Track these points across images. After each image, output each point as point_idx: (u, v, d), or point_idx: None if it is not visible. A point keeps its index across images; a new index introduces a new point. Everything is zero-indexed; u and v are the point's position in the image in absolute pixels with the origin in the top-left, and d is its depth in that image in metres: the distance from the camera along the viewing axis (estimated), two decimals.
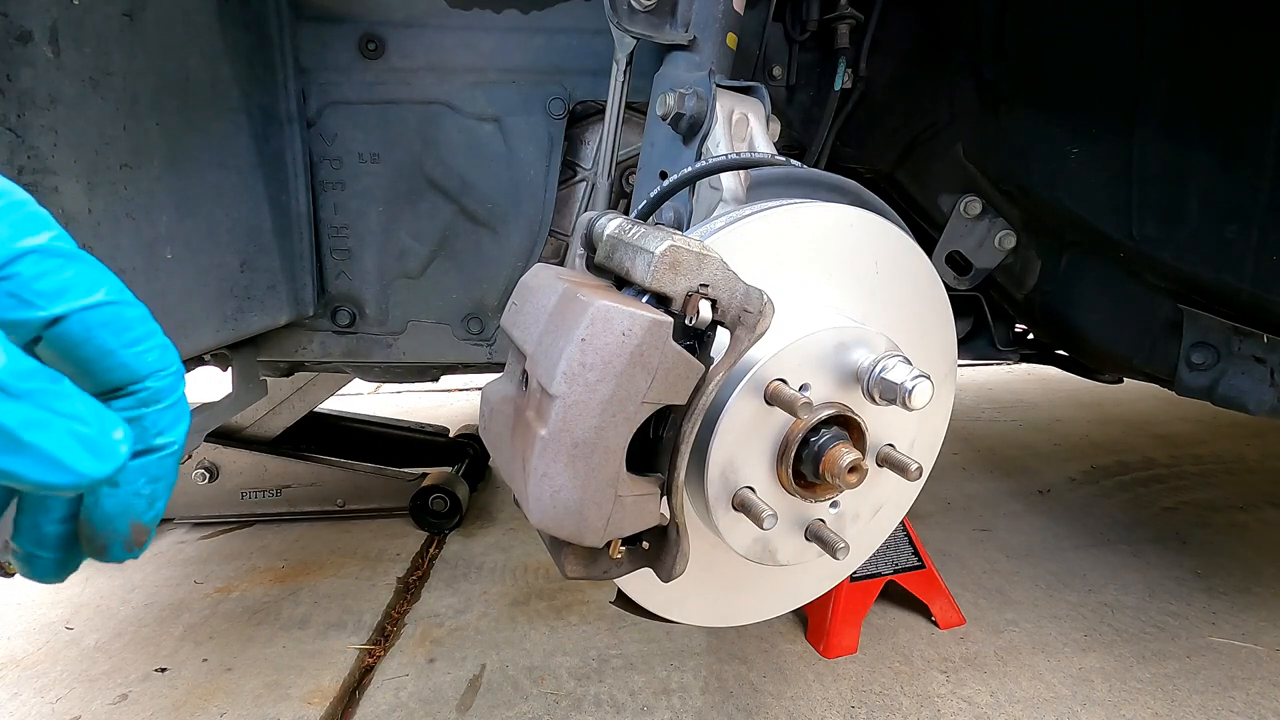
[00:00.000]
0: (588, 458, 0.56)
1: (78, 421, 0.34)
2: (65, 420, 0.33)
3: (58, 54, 0.85)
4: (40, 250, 0.35)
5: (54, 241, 0.36)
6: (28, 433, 0.32)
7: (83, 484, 0.34)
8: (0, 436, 0.32)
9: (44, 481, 0.33)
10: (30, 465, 0.32)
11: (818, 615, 1.73)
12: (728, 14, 0.99)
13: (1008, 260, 1.51)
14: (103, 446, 0.34)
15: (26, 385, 0.32)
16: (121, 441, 0.35)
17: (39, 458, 0.33)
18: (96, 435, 0.34)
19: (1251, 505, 2.48)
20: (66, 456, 0.33)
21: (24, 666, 1.71)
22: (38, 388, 0.32)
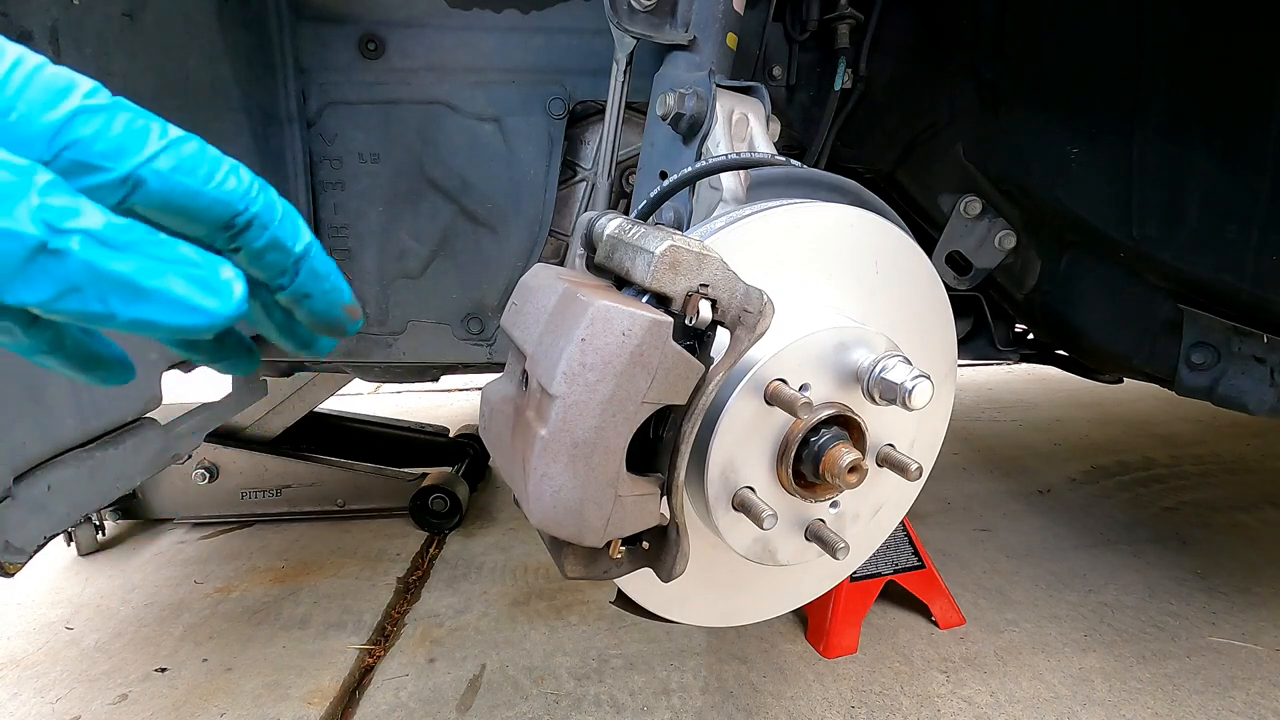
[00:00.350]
0: (588, 458, 0.56)
1: (189, 265, 0.34)
2: (178, 265, 0.33)
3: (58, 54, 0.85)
4: (85, 110, 0.34)
5: (90, 97, 0.34)
6: (148, 280, 0.32)
7: (215, 323, 0.34)
8: (124, 287, 0.32)
9: (179, 324, 0.33)
10: (162, 310, 0.33)
11: (818, 615, 1.73)
12: (728, 14, 0.99)
13: (1008, 260, 1.51)
14: (218, 285, 0.34)
15: (130, 237, 0.32)
16: (234, 279, 0.35)
17: (167, 303, 0.33)
18: (209, 276, 0.34)
19: (1251, 505, 2.48)
20: (192, 298, 0.33)
21: (24, 666, 1.71)
22: (142, 238, 0.32)
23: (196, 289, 0.34)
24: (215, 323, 0.34)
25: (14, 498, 0.85)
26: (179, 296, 0.33)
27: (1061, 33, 1.30)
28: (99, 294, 0.31)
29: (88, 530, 2.23)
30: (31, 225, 0.29)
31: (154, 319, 0.33)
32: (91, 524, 2.24)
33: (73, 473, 0.94)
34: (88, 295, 0.31)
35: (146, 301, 0.32)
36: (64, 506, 0.93)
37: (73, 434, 0.95)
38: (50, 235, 0.29)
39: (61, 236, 0.30)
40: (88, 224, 0.31)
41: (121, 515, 2.37)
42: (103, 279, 0.31)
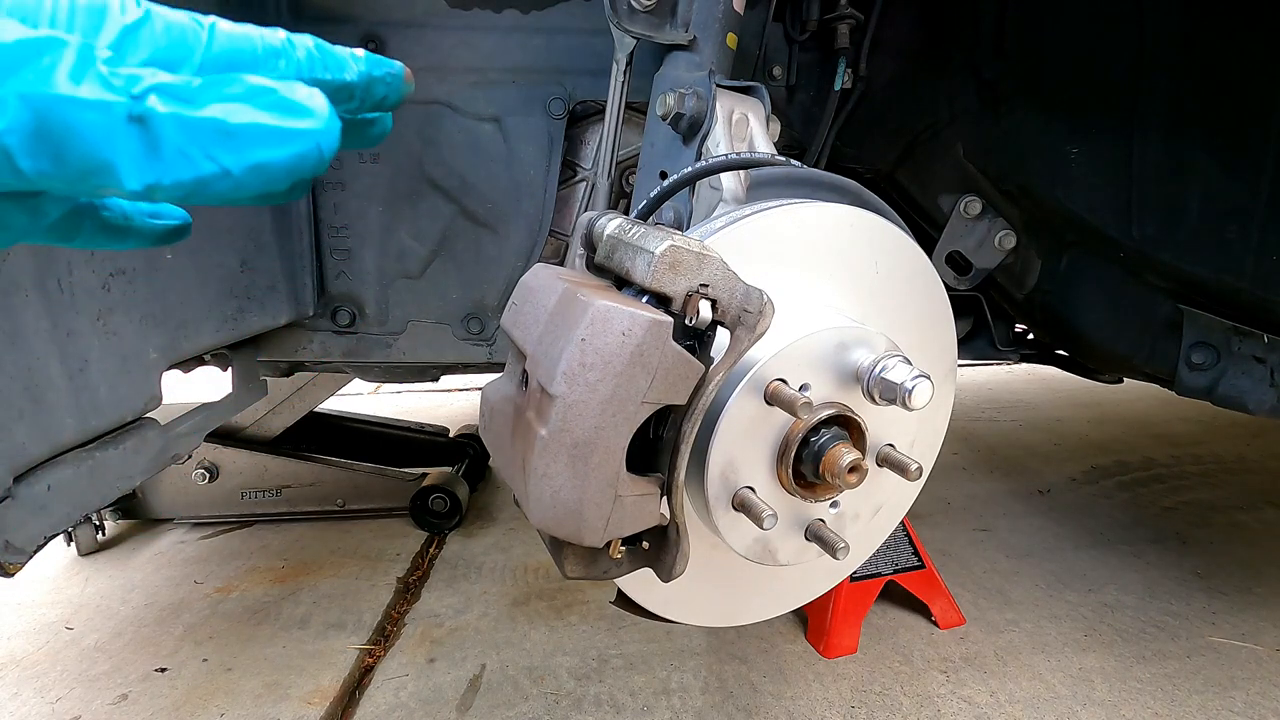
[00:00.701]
0: (588, 458, 0.56)
1: (266, 93, 0.32)
2: (254, 97, 0.32)
3: None
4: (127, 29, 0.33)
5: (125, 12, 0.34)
6: (235, 118, 0.31)
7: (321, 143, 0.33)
8: (217, 135, 0.30)
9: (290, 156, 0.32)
10: (263, 148, 0.31)
11: (818, 615, 1.73)
12: (728, 14, 0.99)
13: (1008, 260, 1.51)
14: (301, 103, 0.33)
15: (200, 85, 0.31)
16: (313, 93, 0.33)
17: (264, 136, 0.31)
18: (290, 97, 0.32)
19: (1251, 505, 2.48)
20: (284, 124, 0.32)
21: (24, 666, 1.71)
22: (212, 82, 0.31)
23: (285, 114, 0.32)
24: (321, 143, 0.33)
25: (14, 498, 0.85)
26: (272, 127, 0.32)
27: (1061, 32, 1.30)
28: (204, 150, 0.30)
29: (88, 530, 2.23)
30: (112, 93, 0.28)
31: (266, 159, 0.31)
32: (91, 524, 2.24)
33: (73, 473, 0.94)
34: (195, 156, 0.30)
35: (247, 144, 0.31)
36: (64, 506, 0.93)
37: (73, 434, 0.95)
38: (132, 102, 0.29)
39: (140, 100, 0.29)
40: (157, 80, 0.30)
41: (121, 515, 2.37)
42: (197, 132, 0.30)
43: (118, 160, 0.29)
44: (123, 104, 0.28)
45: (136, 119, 0.29)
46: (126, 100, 0.29)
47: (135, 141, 0.29)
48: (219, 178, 0.31)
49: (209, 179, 0.31)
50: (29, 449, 0.89)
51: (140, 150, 0.29)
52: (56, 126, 0.28)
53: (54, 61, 0.27)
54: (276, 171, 0.32)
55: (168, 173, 0.30)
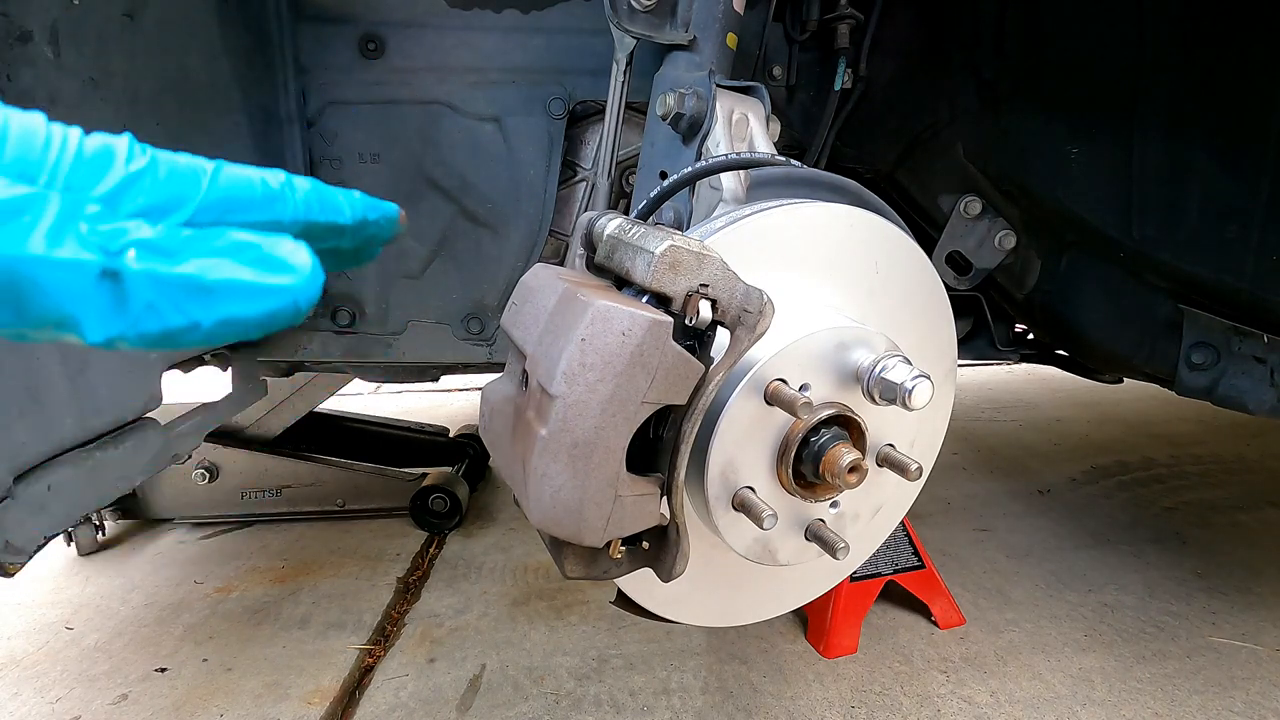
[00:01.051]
0: (588, 458, 0.56)
1: (247, 249, 0.33)
2: (233, 253, 0.32)
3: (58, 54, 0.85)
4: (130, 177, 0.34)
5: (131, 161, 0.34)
6: (212, 274, 0.31)
7: (298, 299, 0.33)
8: (190, 291, 0.31)
9: (264, 312, 0.33)
10: (237, 303, 0.32)
11: (818, 615, 1.73)
12: (728, 14, 0.99)
13: (1008, 260, 1.51)
14: (283, 258, 0.33)
15: (178, 241, 0.31)
16: (297, 249, 0.34)
17: (240, 292, 0.32)
18: (272, 253, 0.33)
19: (1251, 505, 2.48)
20: (260, 278, 0.32)
21: (24, 666, 1.71)
22: (189, 238, 0.32)
23: (265, 270, 0.33)
24: (298, 299, 0.33)
25: (14, 498, 0.86)
26: (249, 283, 0.32)
27: (1062, 32, 1.30)
28: (174, 304, 0.31)
29: (88, 530, 2.23)
30: (87, 251, 0.29)
31: (237, 314, 0.32)
32: (91, 524, 2.24)
33: (73, 473, 0.94)
34: (164, 311, 0.30)
35: (222, 299, 0.32)
36: (64, 506, 0.93)
37: (72, 434, 0.95)
38: (107, 259, 0.29)
39: (116, 257, 0.29)
40: (138, 235, 0.30)
41: (121, 515, 2.37)
42: (170, 287, 0.30)
43: (82, 315, 0.29)
44: (96, 261, 0.29)
45: (110, 274, 0.29)
46: (100, 258, 0.29)
47: (103, 297, 0.29)
48: (187, 330, 0.31)
49: (176, 332, 0.31)
50: (29, 449, 0.89)
51: (107, 305, 0.30)
52: (24, 283, 0.28)
53: (34, 220, 0.28)
54: (248, 325, 0.33)
55: (133, 326, 0.30)
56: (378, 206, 0.46)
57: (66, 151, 0.33)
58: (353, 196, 0.44)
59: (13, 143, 0.32)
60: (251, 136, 1.18)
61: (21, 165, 0.32)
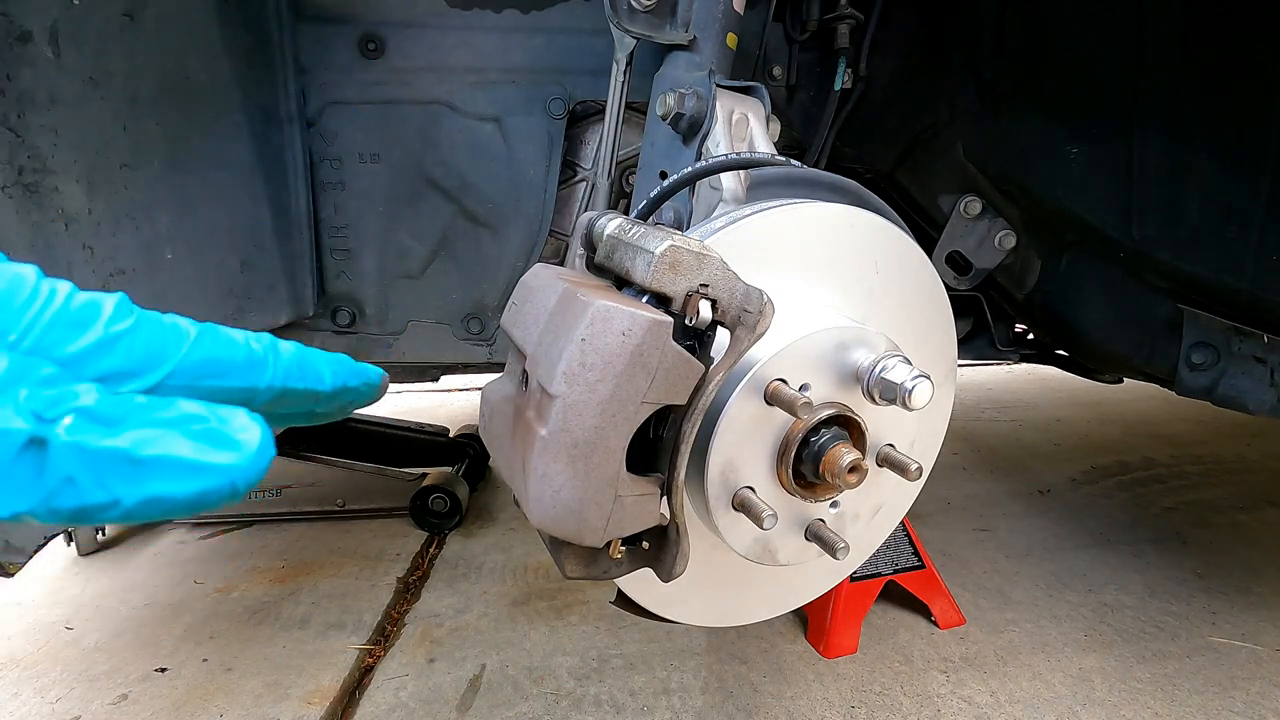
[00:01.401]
0: (588, 458, 0.56)
1: (193, 421, 0.31)
2: (179, 425, 0.31)
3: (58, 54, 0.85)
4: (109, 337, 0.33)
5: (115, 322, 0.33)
6: (145, 449, 0.30)
7: (234, 480, 0.32)
8: (120, 466, 0.29)
9: (194, 492, 0.31)
10: (170, 481, 0.30)
11: (818, 615, 1.73)
12: (728, 14, 0.99)
13: (1008, 260, 1.51)
14: (230, 435, 0.32)
15: (123, 409, 0.30)
16: (249, 426, 0.33)
17: (174, 470, 0.30)
18: (217, 427, 0.32)
19: (1251, 505, 2.48)
20: (200, 457, 0.31)
21: (24, 666, 1.71)
22: (136, 406, 0.30)
23: (206, 446, 0.31)
24: (236, 480, 0.32)
25: None
26: (184, 459, 0.30)
27: (1062, 32, 1.30)
28: (97, 479, 0.29)
29: (88, 530, 2.23)
30: (19, 419, 0.27)
31: (164, 493, 0.30)
32: None
33: None
34: (84, 485, 0.29)
35: (151, 475, 0.30)
36: None
37: None
38: (38, 426, 0.28)
39: (49, 425, 0.28)
40: (80, 403, 0.29)
41: None
42: (96, 460, 0.29)
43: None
44: (24, 430, 0.27)
45: (36, 442, 0.28)
46: (30, 426, 0.28)
47: (22, 468, 0.28)
48: (104, 508, 0.30)
49: (92, 509, 0.30)
50: None
51: (24, 477, 0.28)
52: None
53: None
54: (176, 505, 0.31)
55: (45, 501, 0.29)
56: (361, 373, 0.45)
57: (49, 307, 0.32)
58: (337, 362, 0.44)
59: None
60: (251, 136, 1.18)
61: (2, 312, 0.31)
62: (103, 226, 0.92)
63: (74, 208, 0.87)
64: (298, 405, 0.42)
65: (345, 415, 0.47)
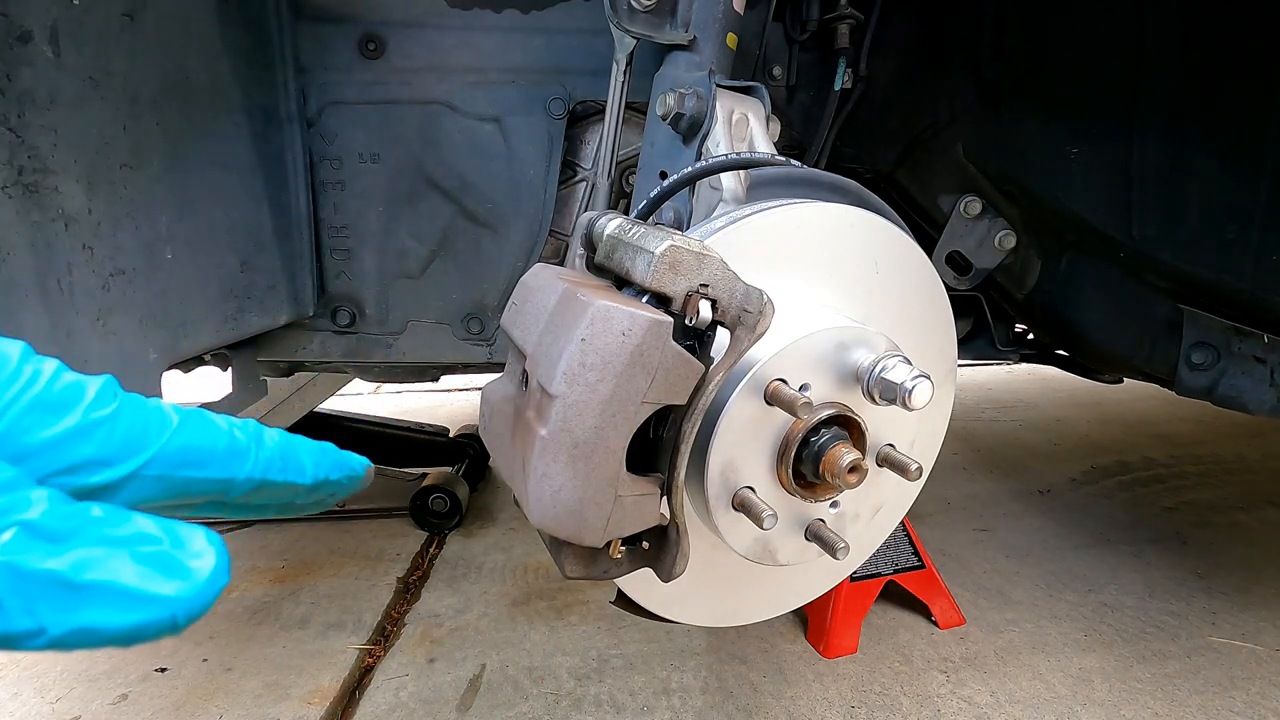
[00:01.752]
0: (588, 458, 0.56)
1: (144, 542, 0.29)
2: (126, 546, 0.29)
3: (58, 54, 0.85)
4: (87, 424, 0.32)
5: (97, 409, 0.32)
6: (84, 573, 0.27)
7: (175, 612, 0.29)
8: (53, 591, 0.27)
9: (128, 626, 0.28)
10: (103, 610, 0.28)
11: (818, 615, 1.73)
12: (728, 14, 0.99)
13: (1008, 260, 1.51)
14: (178, 561, 0.30)
15: (72, 523, 0.28)
16: (204, 550, 0.30)
17: (110, 597, 0.28)
18: (168, 552, 0.30)
19: (1251, 505, 2.48)
20: (142, 585, 0.28)
21: (24, 666, 1.71)
22: (87, 521, 0.28)
23: (152, 571, 0.29)
24: (178, 613, 0.29)
25: None
26: (125, 587, 0.28)
27: (1062, 32, 1.30)
28: (24, 604, 0.26)
29: None
30: None
31: (95, 624, 0.28)
32: None
33: None
34: (9, 609, 0.26)
35: (85, 603, 0.27)
36: None
37: None
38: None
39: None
40: (24, 516, 0.27)
41: None
42: (27, 583, 0.26)
43: None
44: None
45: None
46: None
47: None
48: (28, 636, 0.27)
49: (14, 636, 0.27)
50: None
51: None
52: None
53: None
54: (106, 637, 0.28)
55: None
56: (344, 465, 0.44)
57: (28, 391, 0.31)
58: (320, 452, 0.43)
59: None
60: (251, 136, 1.18)
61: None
62: (103, 226, 0.92)
63: (74, 208, 0.87)
64: (275, 498, 0.41)
65: (323, 509, 0.46)
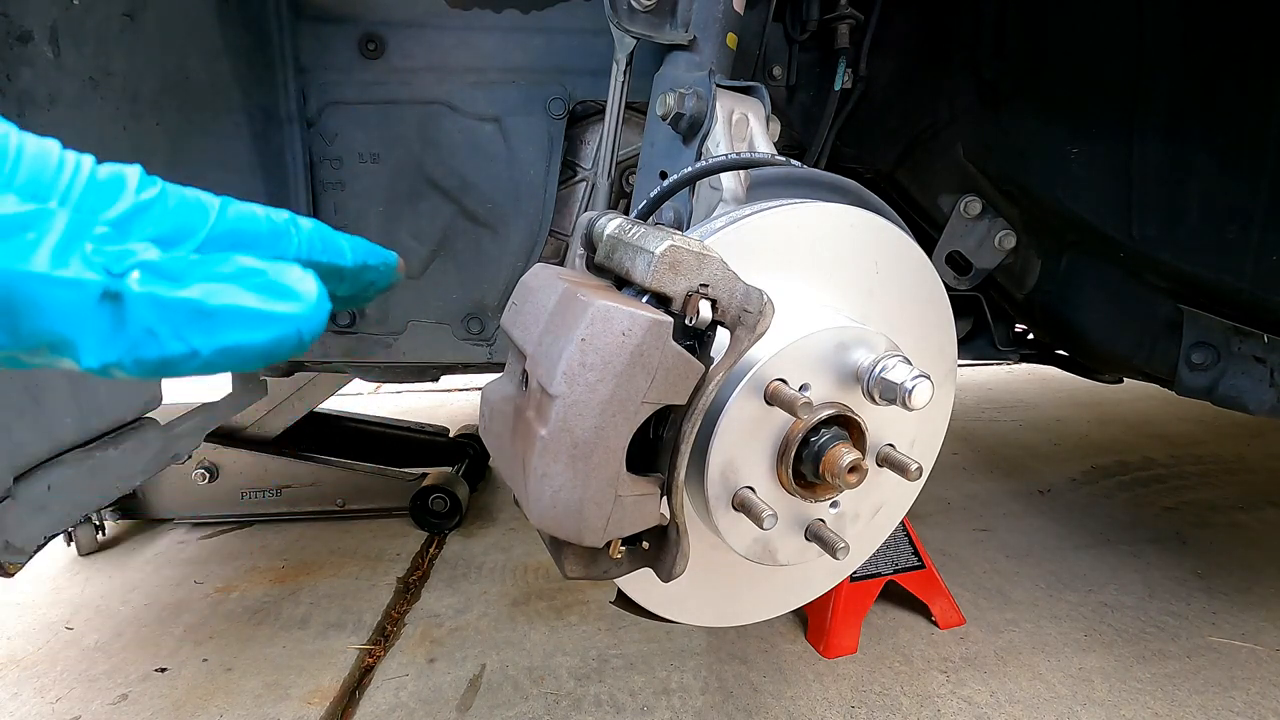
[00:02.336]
0: (588, 458, 0.56)
1: (253, 275, 0.32)
2: (243, 278, 0.32)
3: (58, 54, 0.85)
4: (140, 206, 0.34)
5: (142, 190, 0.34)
6: (217, 299, 0.30)
7: (302, 329, 0.32)
8: (195, 315, 0.30)
9: (267, 340, 0.31)
10: (243, 330, 0.31)
11: (818, 615, 1.73)
12: (728, 14, 0.99)
13: (1008, 260, 1.51)
14: (290, 286, 0.32)
15: (184, 264, 0.30)
16: (304, 277, 0.33)
17: (245, 319, 0.31)
18: (278, 279, 0.32)
19: (1251, 505, 2.48)
20: (267, 307, 0.31)
21: (24, 666, 1.71)
22: (194, 262, 0.31)
23: (270, 297, 0.32)
24: (302, 329, 0.32)
25: (14, 498, 0.86)
26: (253, 310, 0.31)
27: (1062, 32, 1.30)
28: (174, 330, 0.30)
29: (88, 530, 2.23)
30: (90, 271, 0.28)
31: (239, 342, 0.31)
32: (91, 524, 2.24)
33: (73, 473, 0.94)
34: (164, 336, 0.30)
35: (223, 325, 0.31)
36: (64, 506, 0.93)
37: (73, 434, 0.95)
38: (110, 279, 0.28)
39: (119, 279, 0.29)
40: (144, 257, 0.30)
41: (121, 515, 2.37)
42: (171, 311, 0.30)
43: (79, 338, 0.28)
44: (98, 282, 0.28)
45: (111, 296, 0.29)
46: (103, 278, 0.28)
47: (103, 320, 0.29)
48: (186, 359, 0.30)
49: (175, 360, 0.30)
50: (29, 449, 0.89)
51: (106, 328, 0.29)
52: (22, 301, 0.27)
53: (39, 237, 0.27)
54: (249, 354, 0.32)
55: (130, 351, 0.29)
56: (378, 253, 0.46)
57: (80, 175, 0.33)
58: (355, 241, 0.44)
59: (27, 163, 0.31)
60: (251, 136, 1.18)
61: (34, 186, 0.32)
62: None
63: None
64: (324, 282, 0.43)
65: (366, 301, 0.48)
